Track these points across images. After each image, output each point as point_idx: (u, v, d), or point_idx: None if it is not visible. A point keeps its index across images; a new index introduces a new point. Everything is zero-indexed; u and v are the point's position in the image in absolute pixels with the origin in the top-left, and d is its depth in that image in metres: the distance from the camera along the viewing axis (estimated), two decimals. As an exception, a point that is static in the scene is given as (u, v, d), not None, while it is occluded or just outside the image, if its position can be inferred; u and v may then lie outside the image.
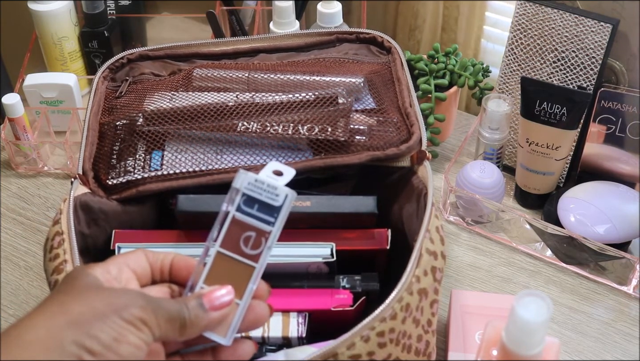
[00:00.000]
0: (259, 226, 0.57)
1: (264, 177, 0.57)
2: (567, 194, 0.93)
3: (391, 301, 0.61)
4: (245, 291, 0.56)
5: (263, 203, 0.57)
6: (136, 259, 0.58)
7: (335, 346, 0.58)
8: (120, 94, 0.81)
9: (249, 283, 0.56)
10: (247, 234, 0.57)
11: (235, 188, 0.58)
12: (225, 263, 0.57)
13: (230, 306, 0.55)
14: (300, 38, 0.87)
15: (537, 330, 0.59)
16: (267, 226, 0.57)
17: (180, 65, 0.85)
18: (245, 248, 0.57)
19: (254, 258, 0.57)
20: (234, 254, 0.57)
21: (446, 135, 1.08)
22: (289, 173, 0.59)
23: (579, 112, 0.91)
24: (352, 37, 0.87)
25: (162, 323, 0.52)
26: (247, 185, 0.57)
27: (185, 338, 0.54)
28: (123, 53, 0.85)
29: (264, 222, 0.57)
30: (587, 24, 0.89)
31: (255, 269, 0.56)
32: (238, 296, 0.56)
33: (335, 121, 0.74)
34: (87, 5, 1.10)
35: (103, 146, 0.76)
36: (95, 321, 0.50)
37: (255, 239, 0.57)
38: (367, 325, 0.59)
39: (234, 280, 0.56)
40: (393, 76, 0.82)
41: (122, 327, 0.50)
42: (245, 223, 0.57)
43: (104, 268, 0.55)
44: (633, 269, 0.86)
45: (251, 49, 0.87)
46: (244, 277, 0.56)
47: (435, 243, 0.67)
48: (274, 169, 0.59)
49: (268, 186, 0.57)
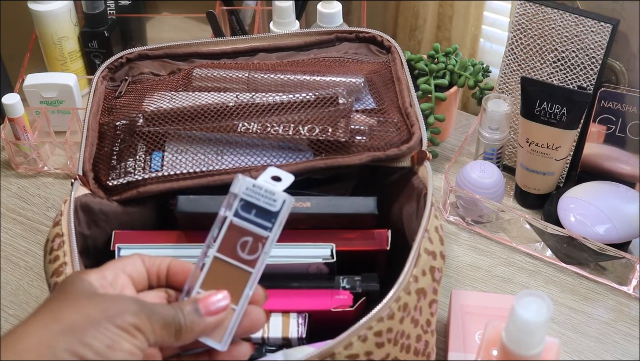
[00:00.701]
0: (256, 231, 0.57)
1: (262, 183, 0.58)
2: (567, 194, 0.93)
3: (388, 301, 0.61)
4: (241, 297, 0.56)
5: (261, 208, 0.57)
6: (133, 264, 0.57)
7: (333, 346, 0.58)
8: (120, 94, 0.81)
9: (245, 289, 0.56)
10: (244, 240, 0.57)
11: (233, 193, 0.58)
12: (222, 268, 0.57)
13: (226, 311, 0.55)
14: (300, 37, 0.87)
15: (537, 330, 0.59)
16: (265, 231, 0.57)
17: (179, 64, 0.85)
18: (242, 253, 0.57)
19: (251, 264, 0.57)
20: (231, 259, 0.57)
21: (446, 135, 1.08)
22: (287, 179, 0.59)
23: (579, 112, 0.91)
24: (352, 37, 0.87)
25: (157, 329, 0.52)
26: (245, 190, 0.57)
27: (181, 343, 0.54)
28: (122, 53, 0.85)
29: (262, 227, 0.57)
30: (587, 24, 0.89)
31: (251, 274, 0.56)
32: (234, 302, 0.56)
33: (335, 121, 0.74)
34: (87, 5, 1.10)
35: (103, 146, 0.76)
36: (88, 328, 0.50)
37: (252, 244, 0.57)
38: (364, 325, 0.59)
39: (231, 285, 0.56)
40: (393, 76, 0.82)
41: (115, 334, 0.50)
42: (243, 228, 0.57)
43: (100, 273, 0.55)
44: (633, 269, 0.86)
45: (250, 48, 0.86)
46: (241, 282, 0.56)
47: (434, 242, 0.66)
48: (272, 175, 0.59)
49: (266, 192, 0.57)
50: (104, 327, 0.50)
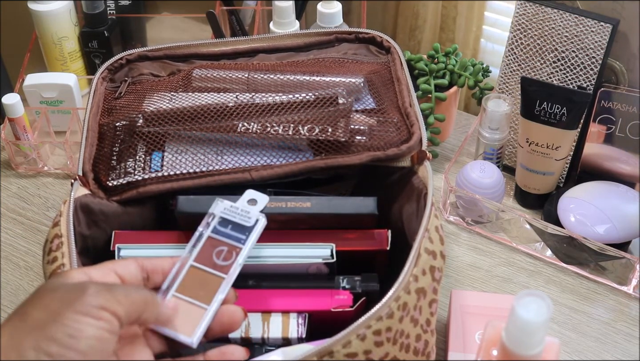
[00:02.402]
0: (231, 242, 0.63)
1: (239, 204, 0.66)
2: (567, 194, 0.93)
3: (388, 300, 0.61)
4: (213, 299, 0.61)
5: (236, 223, 0.64)
6: (125, 266, 0.59)
7: (331, 344, 0.58)
8: (120, 94, 0.81)
9: (218, 292, 0.61)
10: (219, 248, 0.63)
11: (211, 213, 0.65)
12: (198, 274, 0.62)
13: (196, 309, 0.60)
14: (300, 38, 0.87)
15: (537, 330, 0.59)
16: (239, 243, 0.63)
17: (179, 65, 0.85)
18: (217, 259, 0.62)
19: (225, 270, 0.62)
20: (206, 267, 0.62)
21: (446, 135, 1.08)
22: (262, 201, 0.67)
23: (579, 112, 0.91)
24: (352, 37, 0.87)
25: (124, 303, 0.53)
26: (222, 210, 0.65)
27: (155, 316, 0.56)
28: (122, 54, 0.85)
29: (236, 240, 0.64)
30: (587, 24, 0.89)
31: (224, 280, 0.62)
32: (207, 302, 0.60)
33: (335, 121, 0.74)
34: (87, 5, 1.10)
35: (103, 147, 0.76)
36: (50, 323, 0.50)
37: (227, 252, 0.63)
38: (363, 323, 0.59)
39: (204, 289, 0.61)
40: (393, 76, 0.82)
41: (76, 322, 0.50)
42: (219, 240, 0.63)
43: (84, 271, 0.56)
44: (633, 269, 0.86)
45: (250, 49, 0.86)
46: (214, 286, 0.61)
47: (435, 242, 0.66)
48: (249, 198, 0.67)
49: (242, 211, 0.65)
50: (65, 317, 0.50)
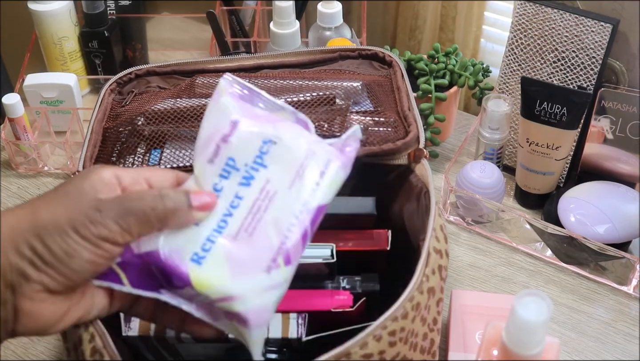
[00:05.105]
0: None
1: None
2: (567, 194, 0.93)
3: (403, 301, 0.61)
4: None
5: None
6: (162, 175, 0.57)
7: (349, 346, 0.58)
8: (126, 103, 0.82)
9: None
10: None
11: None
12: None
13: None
14: (304, 55, 0.87)
15: (537, 329, 0.59)
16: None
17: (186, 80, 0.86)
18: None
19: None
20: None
21: (446, 135, 1.08)
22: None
23: (579, 112, 0.91)
24: (355, 54, 0.88)
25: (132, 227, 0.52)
26: None
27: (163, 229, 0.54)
28: (131, 69, 0.85)
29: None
30: (587, 24, 0.89)
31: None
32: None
33: (331, 118, 0.74)
34: (87, 5, 1.10)
35: (105, 147, 0.76)
36: (53, 232, 0.51)
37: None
38: (380, 325, 0.59)
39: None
40: (393, 85, 0.82)
41: (76, 243, 0.51)
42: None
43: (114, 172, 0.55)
44: (633, 269, 0.86)
45: (255, 65, 0.87)
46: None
47: (440, 241, 0.67)
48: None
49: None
50: (66, 234, 0.51)
